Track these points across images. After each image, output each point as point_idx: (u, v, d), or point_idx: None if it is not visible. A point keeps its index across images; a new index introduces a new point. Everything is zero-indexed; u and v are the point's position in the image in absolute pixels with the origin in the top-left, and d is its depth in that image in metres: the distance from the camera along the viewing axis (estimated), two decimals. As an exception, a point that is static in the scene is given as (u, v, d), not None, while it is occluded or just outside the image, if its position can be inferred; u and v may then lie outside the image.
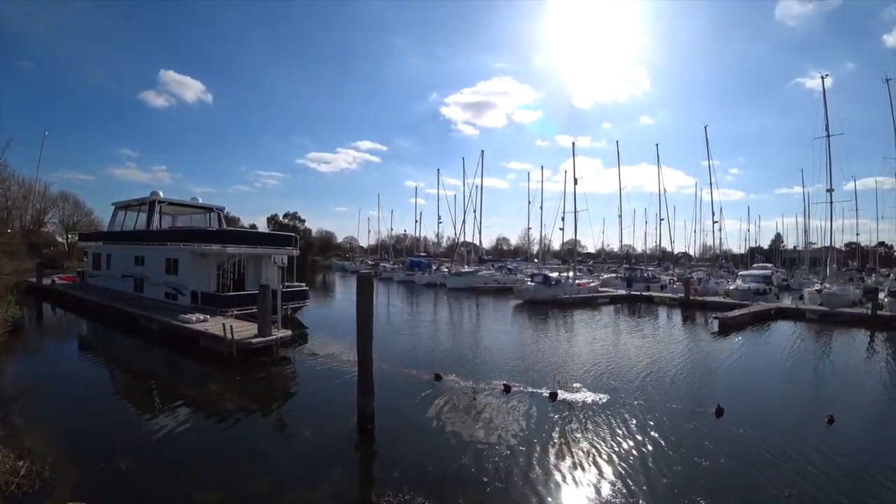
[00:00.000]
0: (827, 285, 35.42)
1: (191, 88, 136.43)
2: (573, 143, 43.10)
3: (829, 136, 35.01)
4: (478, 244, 60.11)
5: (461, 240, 55.20)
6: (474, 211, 51.71)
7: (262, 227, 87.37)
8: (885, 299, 28.48)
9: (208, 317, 18.03)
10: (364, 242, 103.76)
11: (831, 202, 35.65)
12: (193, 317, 17.51)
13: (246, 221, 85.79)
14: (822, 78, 37.06)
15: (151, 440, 8.91)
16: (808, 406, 12.36)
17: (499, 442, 9.15)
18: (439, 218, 63.07)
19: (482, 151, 51.98)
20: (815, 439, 9.91)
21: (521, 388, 12.46)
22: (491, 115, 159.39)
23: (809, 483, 7.97)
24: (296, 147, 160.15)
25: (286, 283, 22.33)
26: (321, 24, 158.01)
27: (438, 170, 64.52)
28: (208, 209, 27.79)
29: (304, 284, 25.32)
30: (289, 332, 16.24)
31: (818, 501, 7.43)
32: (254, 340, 15.05)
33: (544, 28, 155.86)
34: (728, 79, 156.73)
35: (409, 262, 58.38)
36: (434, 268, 53.49)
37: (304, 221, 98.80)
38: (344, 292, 41.83)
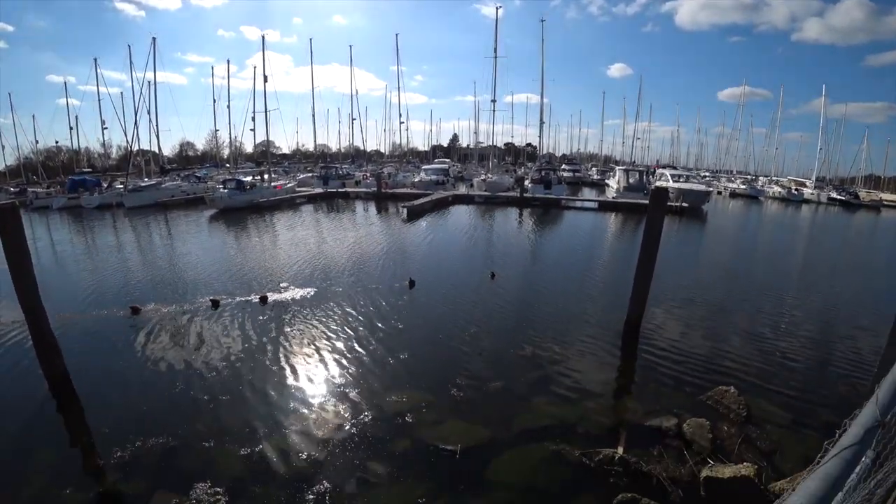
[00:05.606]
0: (490, 175, 44.07)
1: None
2: (262, 37, 39.28)
3: (496, 56, 43.58)
4: (157, 151, 51.23)
5: (136, 148, 45.97)
6: (148, 112, 42.85)
7: None
8: (529, 185, 37.26)
9: None
10: (-4, 164, 75.84)
11: (494, 110, 46.58)
12: None
13: None
14: (497, 8, 46.68)
15: None
16: (477, 268, 15.48)
17: (216, 359, 8.58)
18: (103, 123, 50.00)
19: (154, 39, 42.43)
20: (484, 291, 12.92)
21: (230, 300, 11.80)
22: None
23: (484, 321, 10.59)
24: None
25: None
26: None
27: (96, 60, 49.80)
28: None
29: None
30: None
31: (490, 331, 10.00)
32: None
33: None
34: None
35: (69, 182, 45.46)
36: (106, 185, 43.62)
37: None
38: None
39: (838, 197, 42.37)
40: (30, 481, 5.50)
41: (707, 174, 65.29)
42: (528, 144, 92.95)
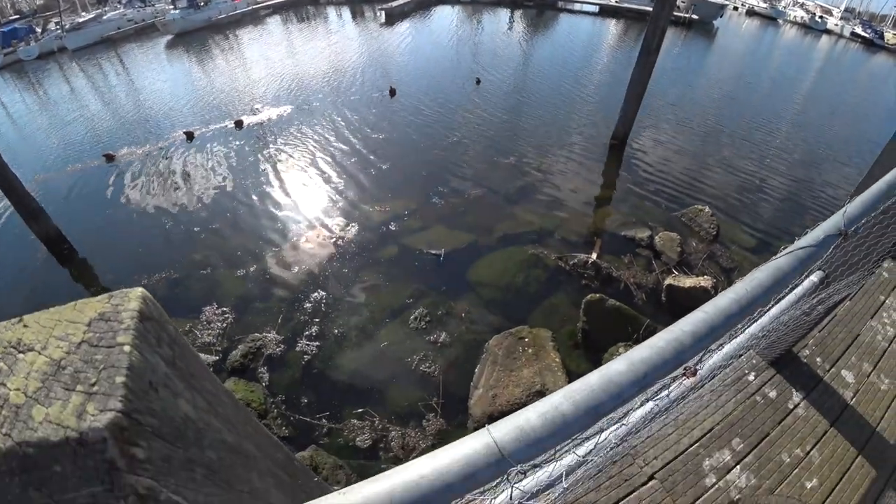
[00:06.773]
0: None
1: None
2: None
3: None
4: (88, -23, 44.21)
5: (60, -18, 39.39)
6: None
7: None
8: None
9: None
10: None
11: None
12: None
13: None
14: None
15: None
16: (462, 74, 14.69)
17: (199, 190, 8.55)
18: (13, -46, 42.09)
19: None
20: (468, 97, 12.50)
21: (204, 129, 11.35)
22: None
23: (468, 128, 10.52)
24: None
25: None
26: None
27: None
28: None
29: None
30: None
31: (474, 139, 9.99)
32: None
33: None
34: None
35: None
36: (40, 31, 38.24)
37: None
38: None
39: (862, 33, 37.63)
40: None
41: (727, -14, 57.93)
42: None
